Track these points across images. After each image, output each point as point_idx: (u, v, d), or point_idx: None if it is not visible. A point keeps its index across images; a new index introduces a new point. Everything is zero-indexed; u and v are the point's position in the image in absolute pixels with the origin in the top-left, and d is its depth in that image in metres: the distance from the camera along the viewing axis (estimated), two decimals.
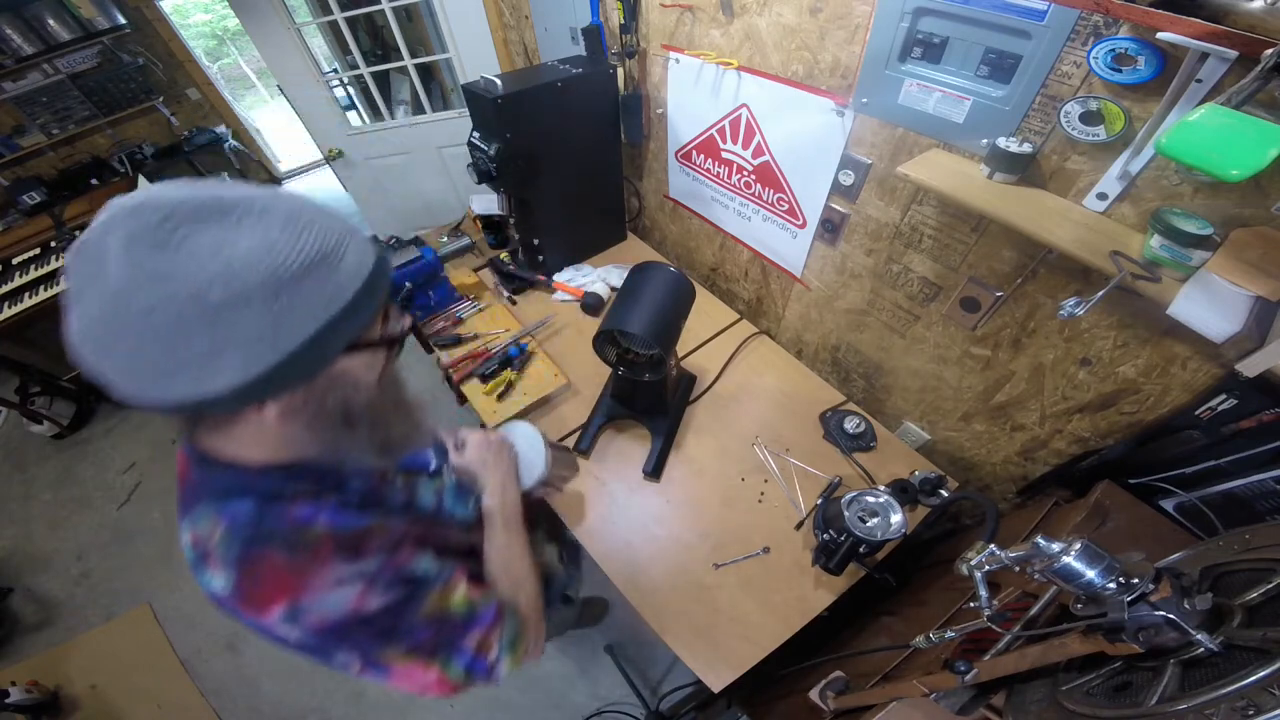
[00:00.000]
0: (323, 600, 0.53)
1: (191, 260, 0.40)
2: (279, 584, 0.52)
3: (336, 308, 0.47)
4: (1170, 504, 0.95)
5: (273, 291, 0.42)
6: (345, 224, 0.50)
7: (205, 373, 0.42)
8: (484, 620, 0.64)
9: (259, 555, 0.52)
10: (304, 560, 0.53)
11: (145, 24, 3.55)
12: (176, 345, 0.41)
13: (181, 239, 0.40)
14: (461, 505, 0.80)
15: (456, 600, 0.63)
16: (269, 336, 0.43)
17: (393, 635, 0.57)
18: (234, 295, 0.41)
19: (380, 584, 0.56)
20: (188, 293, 0.40)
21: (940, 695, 0.72)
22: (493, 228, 1.90)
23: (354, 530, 0.58)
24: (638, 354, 1.22)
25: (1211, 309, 0.77)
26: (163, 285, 0.40)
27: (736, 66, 1.25)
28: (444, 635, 0.61)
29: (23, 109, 3.36)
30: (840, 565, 0.98)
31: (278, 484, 0.56)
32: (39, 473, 2.84)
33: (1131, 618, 0.48)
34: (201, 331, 0.41)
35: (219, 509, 0.54)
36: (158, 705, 2.00)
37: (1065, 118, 0.80)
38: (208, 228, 0.41)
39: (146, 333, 0.40)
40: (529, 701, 1.90)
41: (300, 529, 0.55)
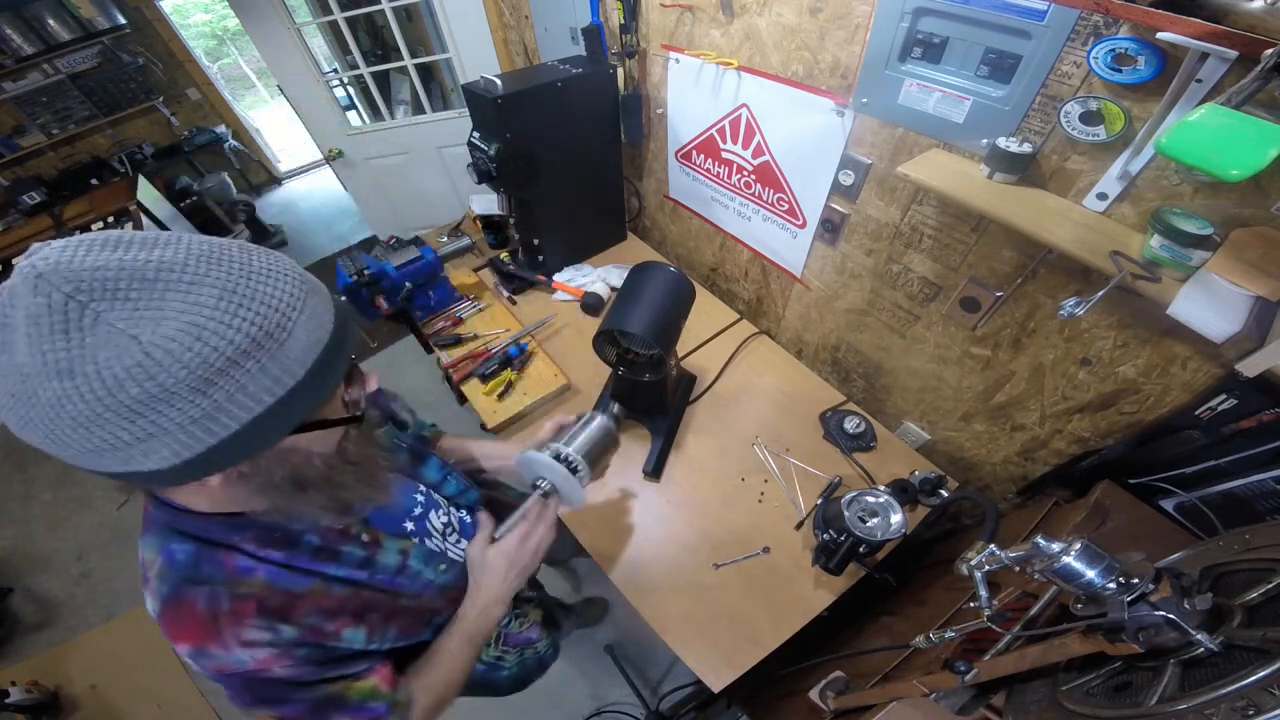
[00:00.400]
0: (225, 655, 0.53)
1: (102, 350, 0.35)
2: (191, 630, 0.52)
3: (282, 391, 0.43)
4: (1170, 504, 0.95)
5: (201, 383, 0.38)
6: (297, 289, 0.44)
7: (133, 455, 0.39)
8: (366, 713, 0.63)
9: (181, 600, 0.52)
10: (221, 616, 0.52)
11: (145, 24, 3.56)
12: (92, 435, 0.37)
13: (91, 322, 0.35)
14: (430, 569, 0.73)
15: (357, 690, 0.63)
16: (202, 425, 0.40)
17: (274, 704, 0.57)
18: (154, 392, 0.37)
19: (293, 655, 0.56)
20: (99, 390, 0.36)
21: (940, 695, 0.72)
22: (493, 228, 1.90)
23: (289, 591, 0.57)
24: (638, 354, 1.22)
25: (1211, 309, 0.77)
26: (67, 380, 0.35)
27: (736, 66, 1.25)
28: (320, 711, 0.60)
29: (23, 109, 3.36)
30: (840, 565, 0.98)
31: (223, 532, 0.54)
32: (39, 473, 2.84)
33: (1131, 618, 0.48)
34: (121, 424, 0.37)
35: (161, 545, 0.54)
36: (158, 705, 2.00)
37: (1065, 118, 0.80)
38: (121, 306, 0.36)
39: (60, 421, 0.36)
40: (529, 701, 1.89)
41: (235, 580, 0.54)
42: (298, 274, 0.46)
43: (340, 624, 0.60)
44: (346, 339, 0.50)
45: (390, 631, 0.67)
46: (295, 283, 0.45)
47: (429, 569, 0.73)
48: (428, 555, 0.74)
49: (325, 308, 0.47)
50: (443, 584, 0.75)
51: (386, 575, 0.67)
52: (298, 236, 4.18)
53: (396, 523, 0.75)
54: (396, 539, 0.71)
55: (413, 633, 0.73)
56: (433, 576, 0.74)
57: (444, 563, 0.76)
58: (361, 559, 0.65)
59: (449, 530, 0.84)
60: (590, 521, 1.23)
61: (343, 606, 0.61)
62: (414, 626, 0.73)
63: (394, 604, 0.68)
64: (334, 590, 0.61)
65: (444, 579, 0.76)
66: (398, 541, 0.71)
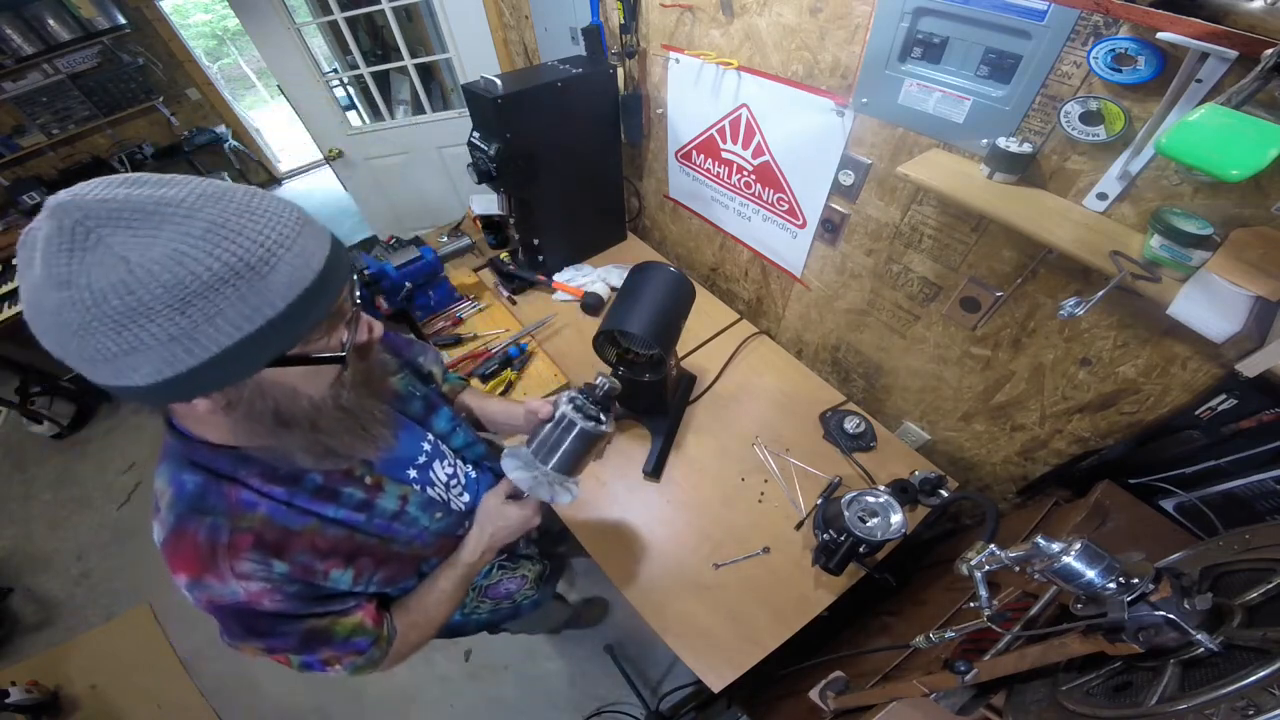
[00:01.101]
0: (219, 586, 0.56)
1: (95, 268, 0.40)
2: (190, 560, 0.56)
3: (261, 320, 0.45)
4: (1170, 504, 0.95)
5: (178, 302, 0.41)
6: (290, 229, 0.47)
7: (121, 368, 0.43)
8: (351, 647, 0.67)
9: (184, 530, 0.56)
10: (219, 548, 0.56)
11: (145, 24, 3.56)
12: (87, 343, 0.41)
13: (93, 243, 0.40)
14: (426, 516, 0.76)
15: (343, 625, 0.66)
16: (180, 344, 0.43)
17: (263, 635, 0.61)
18: (133, 305, 0.40)
19: (283, 590, 0.59)
20: (88, 300, 0.40)
21: (940, 695, 0.72)
22: (493, 228, 1.90)
23: (286, 528, 0.60)
24: (638, 354, 1.22)
25: (1211, 309, 0.77)
26: (65, 290, 0.40)
27: (736, 66, 1.25)
28: (308, 644, 0.64)
29: (23, 109, 3.36)
30: (840, 565, 0.98)
31: (230, 465, 0.58)
32: (39, 473, 2.84)
33: (1131, 618, 0.48)
34: (107, 334, 0.41)
35: (172, 475, 0.57)
36: (158, 705, 2.00)
37: (1065, 118, 0.80)
38: (120, 232, 0.40)
39: (61, 329, 0.41)
40: (529, 701, 1.90)
41: (237, 512, 0.57)
42: (295, 217, 0.48)
43: (330, 564, 0.63)
44: (333, 282, 0.51)
45: (378, 576, 0.70)
46: (289, 224, 0.47)
47: (425, 515, 0.76)
48: (426, 503, 0.77)
49: (318, 250, 0.49)
50: (437, 530, 0.78)
51: (383, 520, 0.70)
52: None
53: (401, 468, 0.78)
54: (398, 484, 0.74)
55: (400, 579, 0.76)
56: (428, 524, 0.76)
57: (440, 510, 0.79)
58: (360, 501, 0.67)
59: (453, 482, 0.86)
60: (590, 521, 1.23)
61: (335, 548, 0.64)
62: (402, 573, 0.76)
63: (386, 550, 0.71)
64: (328, 531, 0.64)
65: (438, 526, 0.78)
66: (399, 487, 0.73)
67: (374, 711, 1.92)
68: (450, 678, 1.96)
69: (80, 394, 3.02)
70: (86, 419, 3.06)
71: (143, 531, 2.52)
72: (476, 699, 1.92)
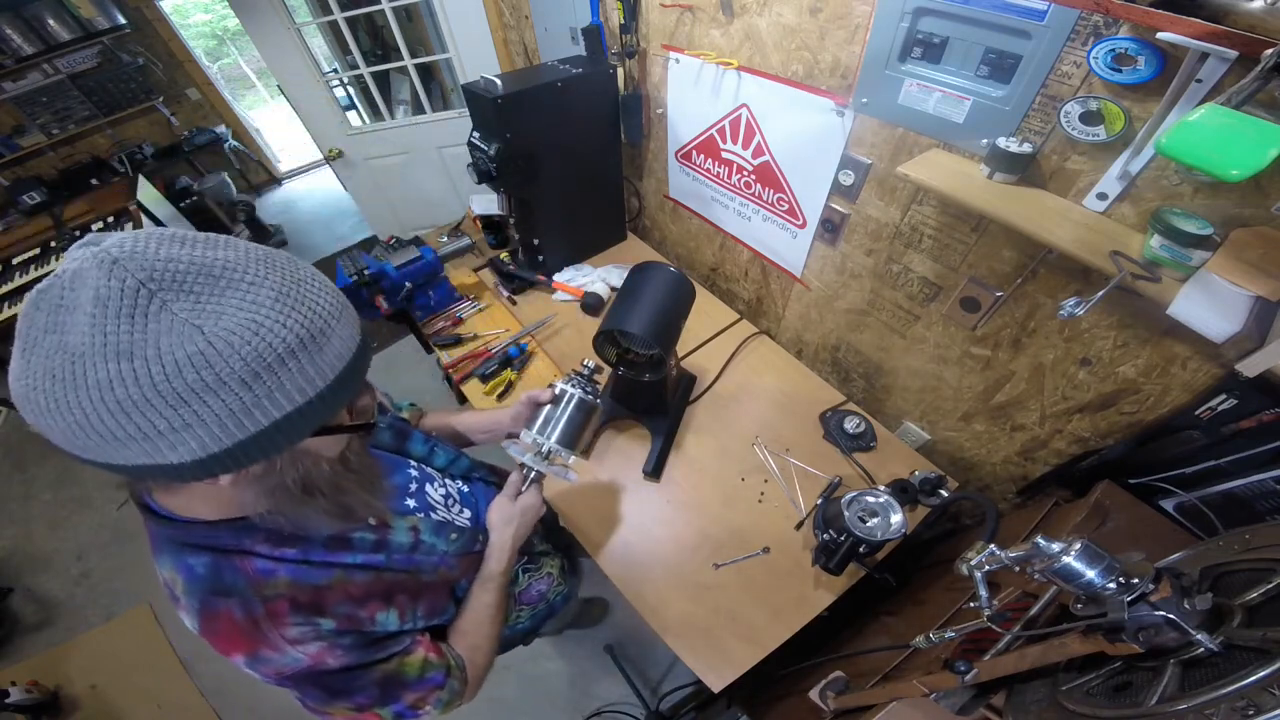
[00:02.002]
0: (279, 657, 0.55)
1: (165, 337, 0.37)
2: (237, 639, 0.54)
3: (313, 393, 0.44)
4: (1170, 504, 0.95)
5: (252, 376, 0.40)
6: (336, 299, 0.47)
7: (160, 447, 0.39)
8: (429, 684, 0.67)
9: (215, 611, 0.53)
10: (260, 619, 0.54)
11: (145, 24, 3.56)
12: (133, 421, 0.37)
13: (158, 309, 0.37)
14: (442, 540, 0.76)
15: (410, 664, 0.66)
16: (237, 418, 0.40)
17: (343, 694, 0.60)
18: (209, 381, 0.38)
19: (341, 644, 0.58)
20: (157, 374, 0.37)
21: (940, 695, 0.72)
22: (493, 228, 1.90)
23: (314, 585, 0.58)
24: (638, 354, 1.22)
25: (1211, 309, 0.77)
26: (124, 362, 0.36)
27: (736, 66, 1.25)
28: (388, 693, 0.63)
29: (23, 109, 3.36)
30: (840, 565, 0.98)
31: (233, 537, 0.55)
32: (39, 473, 2.83)
33: (1131, 618, 0.48)
34: (164, 411, 0.38)
35: (176, 562, 0.54)
36: (158, 705, 2.00)
37: (1065, 118, 0.80)
38: (184, 299, 0.38)
39: (102, 405, 0.37)
40: (529, 701, 1.90)
41: (259, 583, 0.55)
42: (333, 287, 0.49)
43: (371, 609, 0.63)
44: (367, 353, 0.51)
45: (419, 609, 0.70)
46: (334, 293, 0.48)
47: (441, 540, 0.76)
48: (437, 527, 0.77)
49: (355, 320, 0.50)
50: (456, 551, 0.78)
51: (402, 554, 0.69)
52: (297, 236, 4.18)
53: (399, 500, 0.77)
54: (403, 517, 0.73)
55: (440, 608, 0.75)
56: (446, 547, 0.76)
57: (454, 531, 0.79)
58: (374, 542, 0.66)
59: (450, 501, 0.87)
60: (590, 521, 1.23)
61: (369, 592, 0.63)
62: (440, 601, 0.76)
63: (417, 582, 0.70)
64: (355, 577, 0.62)
65: (456, 547, 0.78)
66: (406, 520, 0.73)
67: None
68: None
69: None
70: None
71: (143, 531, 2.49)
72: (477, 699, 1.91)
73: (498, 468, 1.12)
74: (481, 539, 0.85)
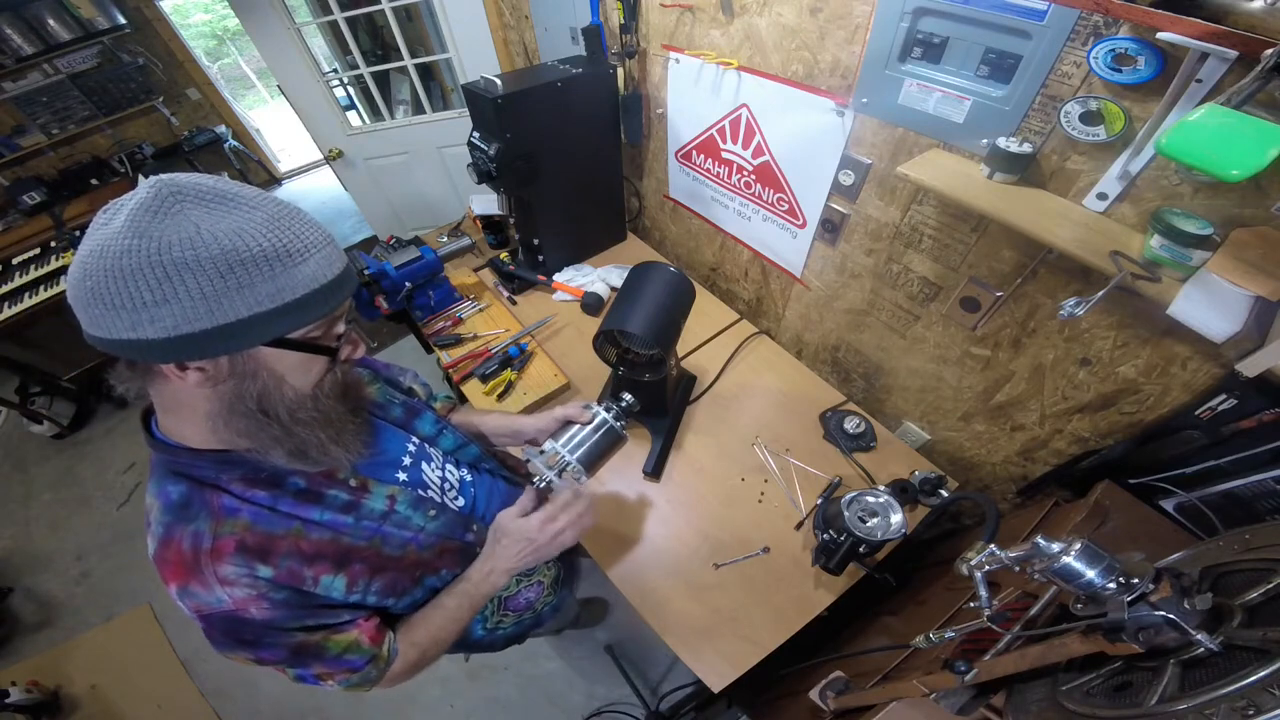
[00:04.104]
0: (204, 594, 0.57)
1: (171, 228, 0.46)
2: (177, 568, 0.57)
3: (280, 301, 0.51)
4: (1170, 504, 0.95)
5: (226, 266, 0.47)
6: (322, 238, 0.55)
7: (143, 318, 0.47)
8: (343, 664, 0.67)
9: (170, 539, 0.58)
10: (202, 554, 0.57)
11: (145, 24, 3.56)
12: (128, 287, 0.46)
13: (175, 210, 0.47)
14: (419, 514, 0.76)
15: (336, 642, 0.66)
16: (209, 303, 0.47)
17: (251, 645, 0.61)
18: (190, 259, 0.46)
19: (269, 598, 0.59)
20: (156, 247, 0.45)
21: (940, 695, 0.72)
22: (493, 228, 1.90)
23: (269, 533, 0.61)
24: (638, 354, 1.22)
25: (1211, 309, 0.77)
26: (140, 239, 0.45)
27: (736, 66, 1.25)
28: (299, 658, 0.64)
29: (23, 109, 3.36)
30: (840, 565, 0.98)
31: (212, 470, 0.60)
32: (39, 473, 2.84)
33: (1131, 618, 0.48)
34: (153, 281, 0.46)
35: (159, 487, 0.60)
36: (158, 705, 2.00)
37: (1065, 118, 0.80)
38: (199, 208, 0.48)
39: (112, 271, 0.45)
40: (529, 701, 1.90)
41: (219, 519, 0.59)
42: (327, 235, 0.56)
43: (318, 569, 0.63)
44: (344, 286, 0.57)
45: (375, 584, 0.70)
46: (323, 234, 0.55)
47: (419, 515, 0.76)
48: (417, 501, 0.77)
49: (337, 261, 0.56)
50: (434, 530, 0.77)
51: (371, 521, 0.70)
52: None
53: (388, 470, 0.78)
54: (384, 485, 0.74)
55: (400, 589, 0.74)
56: (422, 522, 0.76)
57: (433, 508, 0.78)
58: (345, 503, 0.68)
59: (447, 486, 0.86)
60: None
61: (320, 551, 0.64)
62: (401, 582, 0.74)
63: (379, 555, 0.70)
64: (311, 534, 0.64)
65: (435, 525, 0.77)
66: (386, 488, 0.74)
67: (374, 712, 1.92)
68: (450, 678, 1.96)
69: (80, 394, 3.02)
70: (86, 419, 3.06)
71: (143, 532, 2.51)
72: (476, 699, 1.92)
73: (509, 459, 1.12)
74: (474, 530, 0.84)
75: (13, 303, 2.65)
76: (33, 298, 2.67)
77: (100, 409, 3.10)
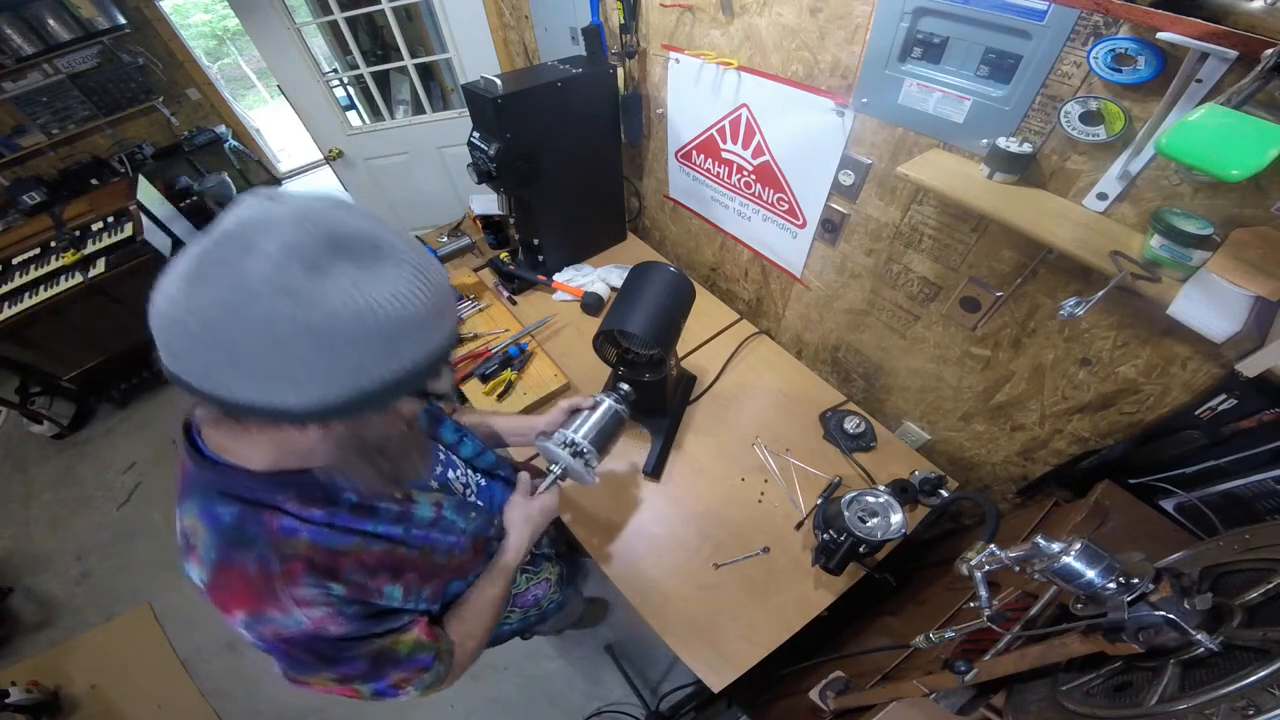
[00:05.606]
0: (282, 618, 0.54)
1: (332, 290, 0.41)
2: (245, 595, 0.54)
3: (428, 360, 0.49)
4: (1170, 504, 0.95)
5: (389, 336, 0.44)
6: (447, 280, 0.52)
7: (281, 387, 0.42)
8: (417, 664, 0.67)
9: (230, 564, 0.54)
10: (275, 578, 0.54)
11: (145, 24, 3.55)
12: (275, 358, 0.41)
13: (330, 266, 0.41)
14: (463, 517, 0.78)
15: (404, 642, 0.66)
16: (362, 373, 0.44)
17: (333, 662, 0.60)
18: (358, 333, 0.42)
19: (345, 613, 0.58)
20: (318, 320, 0.41)
21: (940, 695, 0.72)
22: (493, 228, 1.90)
23: (332, 549, 0.59)
24: (638, 354, 1.22)
25: (1211, 309, 0.77)
26: (297, 305, 0.40)
27: (736, 66, 1.25)
28: (377, 669, 0.63)
29: (23, 109, 3.36)
30: (840, 565, 0.98)
31: (267, 491, 0.56)
32: (39, 473, 2.84)
33: (1131, 618, 0.48)
34: (311, 355, 0.41)
35: (205, 509, 0.55)
36: (158, 705, 2.00)
37: (1065, 118, 0.80)
38: (356, 263, 0.42)
39: (254, 336, 0.40)
40: (529, 701, 1.90)
41: (279, 540, 0.55)
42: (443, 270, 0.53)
43: (380, 580, 0.63)
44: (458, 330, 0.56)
45: (425, 590, 0.71)
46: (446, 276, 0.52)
47: (462, 518, 0.78)
48: (459, 505, 0.79)
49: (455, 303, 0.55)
50: (473, 531, 0.80)
51: (421, 530, 0.70)
52: None
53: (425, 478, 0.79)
54: (428, 492, 0.75)
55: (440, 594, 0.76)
56: (465, 525, 0.78)
57: (474, 510, 0.81)
58: (397, 513, 0.68)
59: (468, 491, 0.89)
60: (590, 522, 1.23)
61: (381, 563, 0.64)
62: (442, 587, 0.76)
63: (428, 563, 0.71)
64: (373, 547, 0.63)
65: (474, 526, 0.80)
66: (430, 494, 0.75)
67: (374, 711, 1.92)
68: None
69: (80, 394, 3.02)
70: (86, 419, 3.06)
71: (143, 531, 2.52)
72: (476, 699, 1.92)
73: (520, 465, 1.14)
74: (496, 524, 0.87)
75: (13, 303, 2.65)
76: (33, 298, 2.66)
77: (100, 409, 3.10)
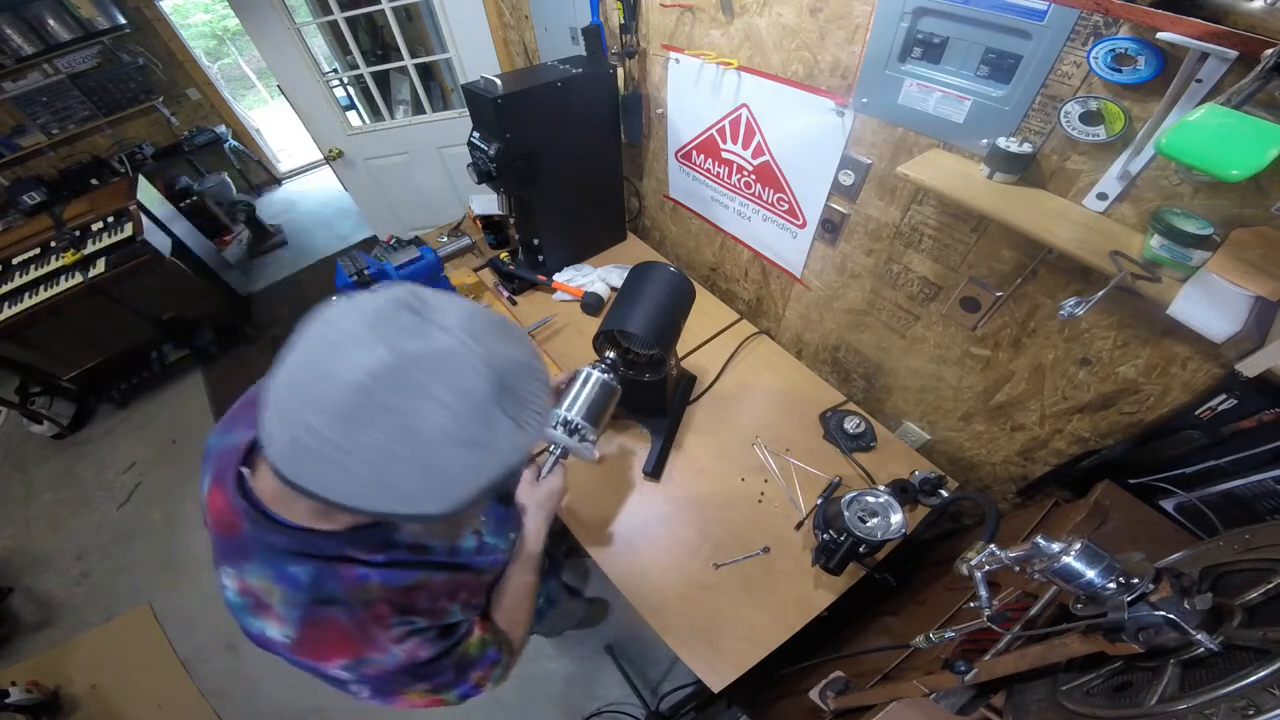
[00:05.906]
0: (383, 658, 0.58)
1: (502, 434, 0.43)
2: (341, 645, 0.57)
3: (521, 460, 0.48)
4: (1170, 504, 0.95)
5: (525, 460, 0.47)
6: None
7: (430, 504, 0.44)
8: (489, 661, 0.73)
9: (319, 620, 0.56)
10: (368, 625, 0.57)
11: (145, 24, 3.56)
12: (438, 491, 0.43)
13: (498, 410, 0.43)
14: (503, 539, 0.82)
15: (473, 644, 0.71)
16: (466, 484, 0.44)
17: (426, 678, 0.64)
18: (515, 468, 0.46)
19: (428, 637, 0.63)
20: (494, 466, 0.44)
21: (940, 695, 0.72)
22: (493, 228, 1.90)
23: (404, 587, 0.62)
24: (638, 354, 1.22)
25: (1211, 309, 0.77)
26: (475, 451, 0.43)
27: (736, 66, 1.25)
28: (460, 675, 0.68)
29: (23, 109, 3.36)
30: (840, 565, 0.98)
31: (336, 546, 0.56)
32: (39, 473, 2.84)
33: (1131, 618, 0.48)
34: (469, 484, 0.44)
35: (276, 571, 0.55)
36: (158, 705, 2.00)
37: (1065, 118, 0.80)
38: (515, 401, 0.45)
39: (425, 480, 0.42)
40: (529, 701, 1.90)
41: (357, 589, 0.58)
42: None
43: (444, 603, 0.67)
44: None
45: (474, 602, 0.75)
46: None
47: (502, 540, 0.82)
48: (498, 526, 0.82)
49: None
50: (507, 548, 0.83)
51: (466, 557, 0.75)
52: (298, 236, 4.18)
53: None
54: None
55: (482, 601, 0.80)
56: (505, 546, 0.83)
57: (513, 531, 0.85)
58: (447, 548, 0.71)
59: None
60: (591, 521, 1.23)
61: (444, 589, 0.68)
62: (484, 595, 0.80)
63: (479, 581, 0.76)
64: (435, 578, 0.66)
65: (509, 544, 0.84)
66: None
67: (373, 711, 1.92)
68: None
69: (80, 394, 3.02)
70: (86, 419, 3.06)
71: (143, 532, 2.52)
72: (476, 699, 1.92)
73: None
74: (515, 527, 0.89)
75: (13, 303, 2.64)
76: (33, 298, 2.66)
77: (100, 409, 3.10)
